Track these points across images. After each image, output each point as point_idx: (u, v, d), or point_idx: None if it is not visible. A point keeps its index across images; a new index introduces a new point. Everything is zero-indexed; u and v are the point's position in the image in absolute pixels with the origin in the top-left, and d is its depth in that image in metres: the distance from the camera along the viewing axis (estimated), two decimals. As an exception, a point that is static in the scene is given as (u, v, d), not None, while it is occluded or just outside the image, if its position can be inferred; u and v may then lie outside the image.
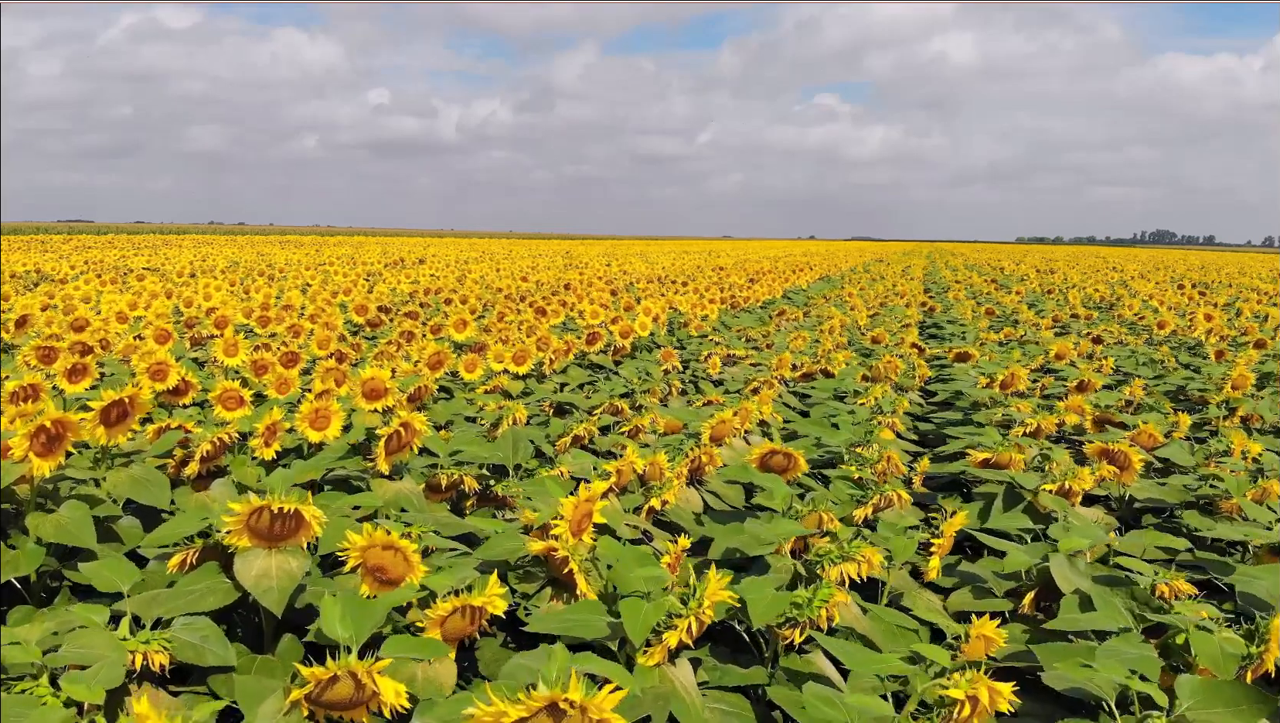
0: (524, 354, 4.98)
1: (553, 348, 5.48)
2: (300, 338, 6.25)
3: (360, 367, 5.57)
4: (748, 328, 8.30)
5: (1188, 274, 22.01)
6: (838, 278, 19.13)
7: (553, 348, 5.48)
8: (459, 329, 5.66)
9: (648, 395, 4.75)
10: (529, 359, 5.02)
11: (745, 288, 12.34)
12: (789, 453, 2.81)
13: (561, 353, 5.50)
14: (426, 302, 8.88)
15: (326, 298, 8.52)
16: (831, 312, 9.81)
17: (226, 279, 11.26)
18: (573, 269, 18.36)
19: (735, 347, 6.79)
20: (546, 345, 5.54)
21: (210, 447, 2.81)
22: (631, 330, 6.74)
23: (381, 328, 7.20)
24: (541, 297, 10.14)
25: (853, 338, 8.29)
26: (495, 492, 3.04)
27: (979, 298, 13.49)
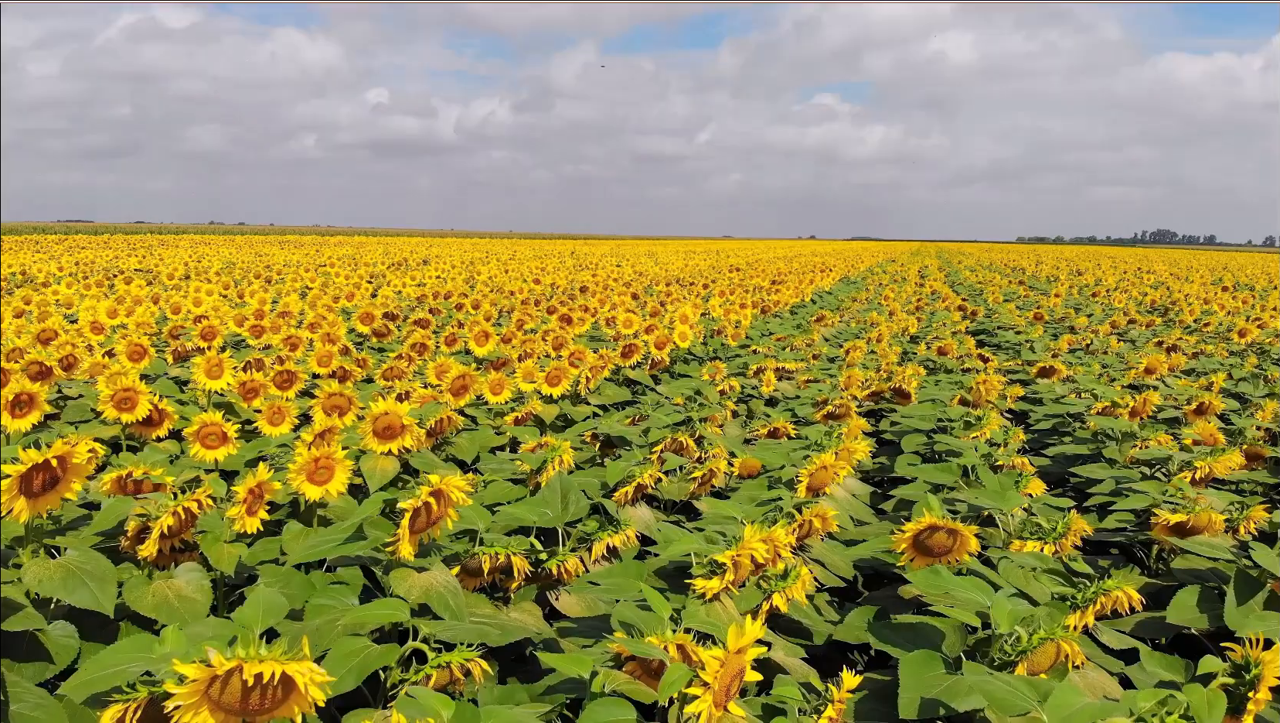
0: (558, 373, 4.26)
1: (589, 364, 4.75)
2: (298, 351, 5.53)
3: (367, 387, 4.86)
4: (790, 336, 7.58)
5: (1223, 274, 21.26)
6: (858, 279, 18.41)
7: (589, 364, 4.75)
8: (480, 343, 4.93)
9: (707, 424, 4.02)
10: (564, 379, 4.29)
11: (771, 291, 11.61)
12: (954, 530, 2.08)
13: (598, 370, 4.78)
14: (436, 307, 8.17)
15: (327, 304, 7.80)
16: (875, 318, 9.08)
17: (220, 282, 10.54)
18: (583, 270, 17.64)
19: (784, 359, 6.07)
20: (581, 361, 4.82)
21: (172, 521, 2.09)
22: (668, 341, 6.01)
23: (389, 338, 6.49)
24: (559, 301, 9.43)
25: (905, 347, 7.57)
26: (547, 569, 2.32)
27: (1017, 301, 12.76)
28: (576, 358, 4.81)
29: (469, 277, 14.06)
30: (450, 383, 3.55)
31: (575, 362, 4.82)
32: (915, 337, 8.62)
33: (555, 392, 4.26)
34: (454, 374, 3.55)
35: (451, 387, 3.56)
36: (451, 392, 3.57)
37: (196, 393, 4.32)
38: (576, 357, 4.81)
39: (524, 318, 7.22)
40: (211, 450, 3.26)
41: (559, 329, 6.13)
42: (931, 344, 7.65)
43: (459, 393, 3.57)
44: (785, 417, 4.44)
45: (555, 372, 4.23)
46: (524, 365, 4.48)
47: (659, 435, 3.39)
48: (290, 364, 4.36)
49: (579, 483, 2.83)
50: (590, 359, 4.86)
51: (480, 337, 4.91)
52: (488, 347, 4.91)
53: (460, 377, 3.55)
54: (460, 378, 3.55)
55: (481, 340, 4.91)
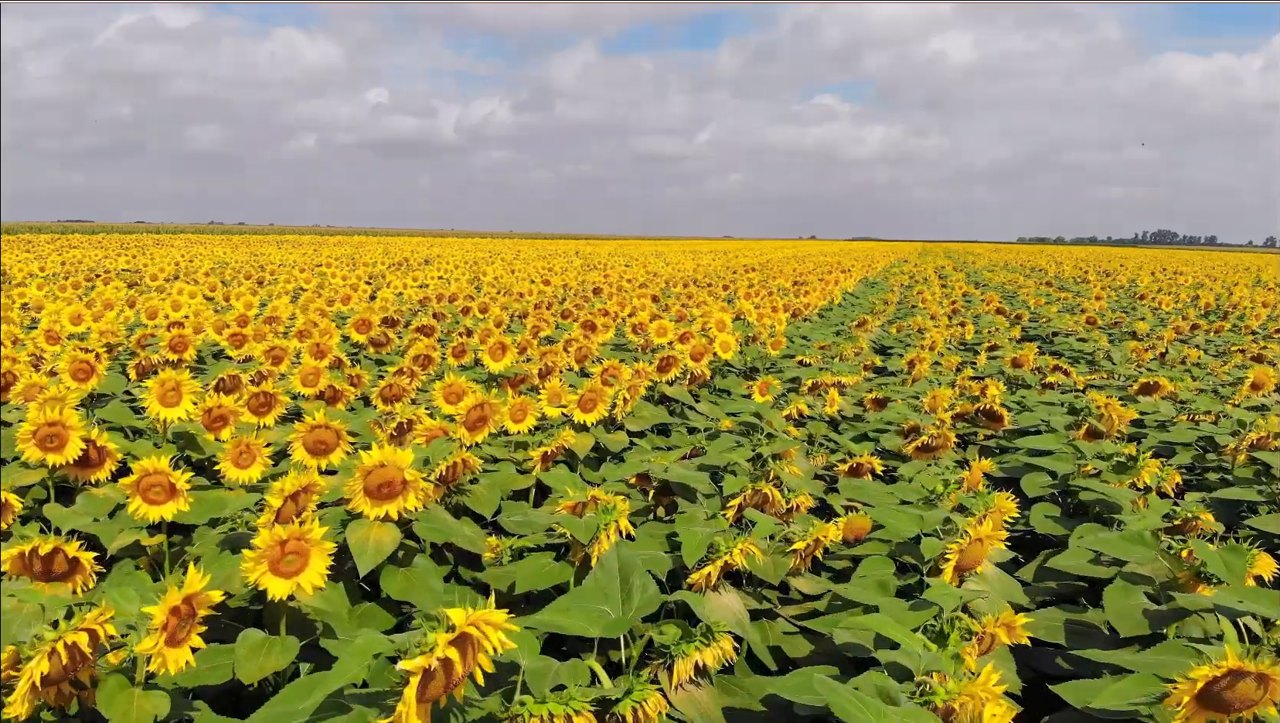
0: (593, 397, 3.50)
1: (625, 384, 3.99)
2: (282, 365, 4.77)
3: (364, 411, 4.09)
4: (836, 343, 6.81)
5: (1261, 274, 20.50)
6: (880, 281, 17.65)
7: (625, 384, 3.99)
8: (496, 357, 4.17)
9: (782, 462, 3.26)
10: (599, 402, 3.54)
11: (798, 293, 10.85)
12: (1265, 676, 1.33)
13: (635, 390, 4.02)
14: (440, 312, 7.42)
15: (320, 308, 7.04)
16: (922, 323, 8.31)
17: (206, 284, 9.78)
18: (592, 270, 16.87)
19: (837, 370, 5.30)
20: (616, 377, 4.06)
21: (48, 667, 1.33)
22: (705, 351, 5.25)
23: (388, 348, 5.73)
24: (574, 304, 8.67)
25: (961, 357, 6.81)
26: (619, 716, 1.56)
27: (1057, 304, 12.00)
28: (610, 375, 4.05)
29: (473, 277, 13.30)
30: (466, 414, 2.80)
31: (609, 379, 4.05)
32: (967, 343, 7.86)
33: (590, 419, 3.51)
34: (469, 403, 2.79)
35: (467, 419, 2.80)
36: (467, 425, 2.81)
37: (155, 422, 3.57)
38: (611, 373, 4.06)
39: (539, 324, 6.46)
40: (155, 506, 2.51)
41: (582, 338, 5.37)
42: (992, 354, 6.89)
43: (476, 427, 2.82)
44: (865, 448, 3.68)
45: (590, 395, 3.47)
46: (550, 385, 3.72)
47: (736, 486, 2.62)
48: (270, 384, 3.60)
49: (641, 558, 2.07)
50: (626, 376, 4.10)
51: (496, 350, 4.15)
52: (505, 361, 4.16)
53: (478, 407, 2.80)
54: (478, 408, 2.80)
55: (498, 354, 4.16)
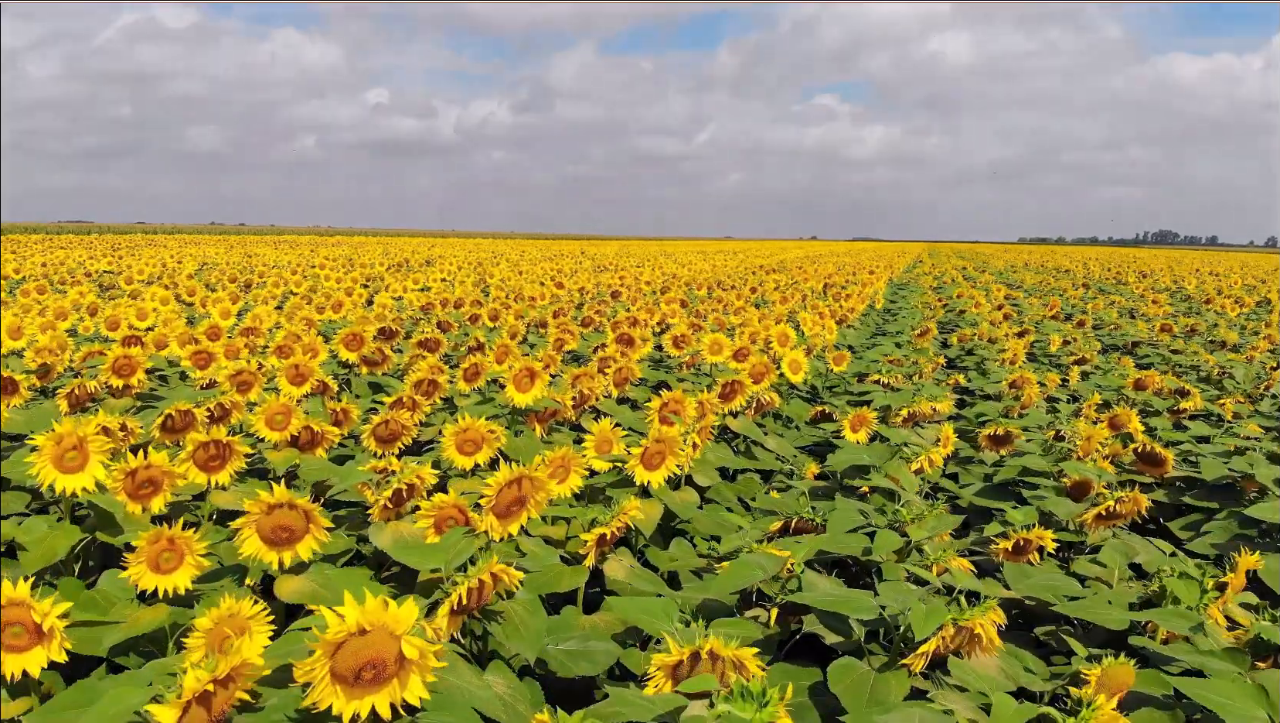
0: (662, 449, 2.55)
1: (694, 422, 3.05)
2: (252, 392, 3.83)
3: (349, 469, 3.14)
4: (910, 358, 5.86)
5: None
6: (907, 283, 16.70)
7: (694, 422, 3.05)
8: (521, 385, 3.21)
9: (933, 541, 2.32)
10: (670, 455, 2.59)
11: (838, 297, 9.90)
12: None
13: (707, 431, 3.07)
14: (446, 321, 6.48)
15: (307, 317, 6.09)
16: (987, 332, 7.36)
17: (185, 287, 8.83)
18: (604, 271, 15.92)
19: (929, 394, 4.35)
20: (679, 414, 3.11)
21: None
22: (768, 372, 4.29)
23: (385, 367, 4.78)
24: (593, 310, 7.72)
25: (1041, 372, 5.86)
26: None
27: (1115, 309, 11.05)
28: (672, 411, 3.10)
29: (479, 280, 12.35)
30: (496, 495, 1.84)
31: (669, 416, 3.11)
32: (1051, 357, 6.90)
33: (656, 478, 2.56)
34: (503, 480, 1.84)
35: (498, 503, 1.85)
36: (497, 511, 1.86)
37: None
38: (672, 409, 3.11)
39: (563, 336, 5.52)
40: (17, 655, 1.59)
41: (620, 356, 4.41)
42: (1081, 368, 5.95)
43: (510, 513, 1.88)
44: (1025, 513, 2.74)
45: (657, 447, 2.52)
46: (599, 429, 2.78)
47: (931, 622, 1.66)
48: (221, 431, 2.66)
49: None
50: (690, 408, 3.15)
51: (522, 377, 3.19)
52: (533, 391, 3.21)
53: (514, 485, 1.84)
54: (513, 487, 1.85)
55: (524, 383, 3.20)
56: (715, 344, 4.43)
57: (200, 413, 3.35)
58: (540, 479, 1.89)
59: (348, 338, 4.48)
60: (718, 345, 4.42)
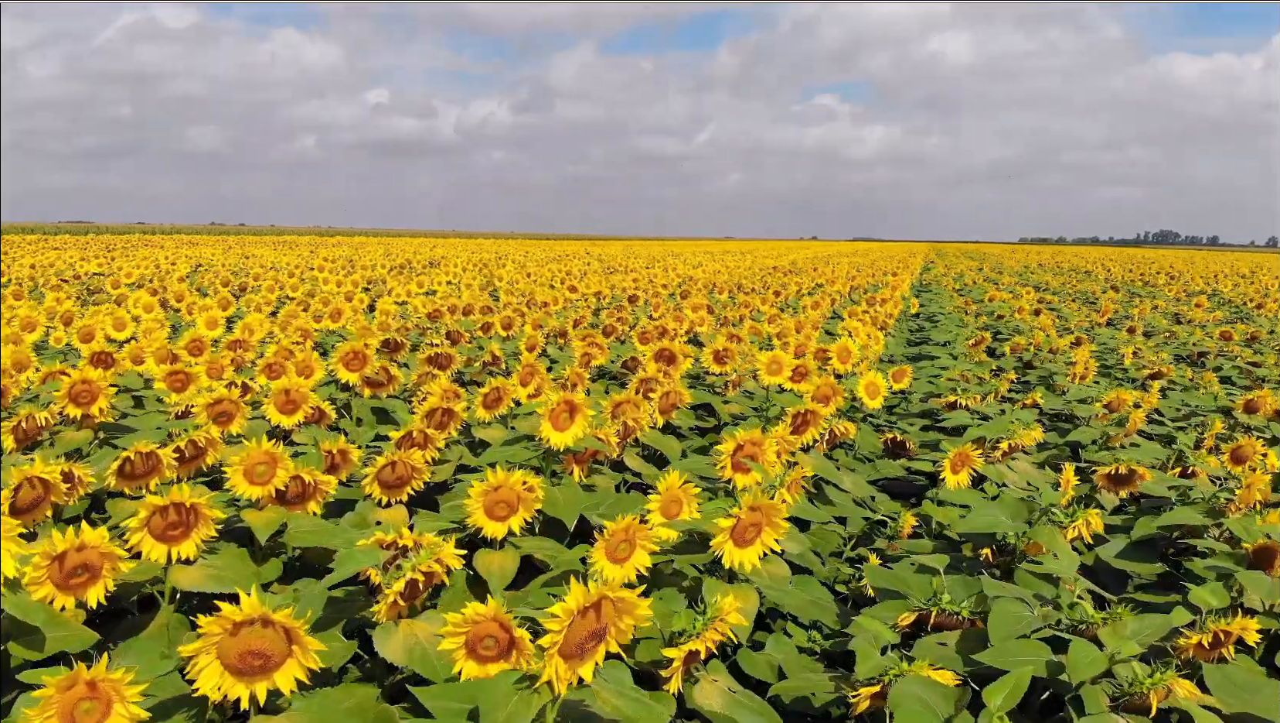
0: (758, 519, 1.95)
1: (769, 464, 2.45)
2: (234, 424, 3.23)
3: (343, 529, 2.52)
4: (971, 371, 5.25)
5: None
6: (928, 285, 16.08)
7: (769, 464, 2.45)
8: (559, 422, 2.60)
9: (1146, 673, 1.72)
10: (766, 528, 1.99)
11: (872, 301, 9.28)
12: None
13: (796, 484, 2.47)
14: (456, 331, 5.88)
15: (303, 327, 5.49)
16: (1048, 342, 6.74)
17: (174, 292, 8.23)
18: (615, 273, 15.32)
19: (1029, 423, 3.74)
20: (758, 456, 2.51)
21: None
22: (833, 395, 3.69)
23: (388, 389, 4.17)
24: (613, 317, 7.11)
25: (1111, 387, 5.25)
26: None
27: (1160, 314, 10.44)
28: (748, 456, 2.49)
29: (486, 282, 11.74)
30: (565, 633, 1.24)
31: (743, 461, 2.50)
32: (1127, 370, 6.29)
33: (749, 558, 1.96)
34: (574, 607, 1.22)
35: (567, 643, 1.24)
36: (565, 652, 1.26)
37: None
38: (749, 453, 2.50)
39: (590, 350, 4.91)
40: None
41: (662, 376, 3.80)
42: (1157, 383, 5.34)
43: (582, 653, 1.27)
44: (1215, 593, 2.14)
45: (751, 520, 1.92)
46: (667, 486, 2.18)
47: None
48: (184, 492, 2.06)
49: None
50: (768, 453, 2.54)
51: (560, 413, 2.57)
52: (573, 430, 2.59)
53: (590, 610, 1.24)
54: (590, 614, 1.24)
55: (563, 420, 2.58)
56: (774, 363, 3.81)
57: (167, 454, 2.76)
58: (627, 600, 1.28)
59: (347, 356, 3.87)
60: (776, 364, 3.80)
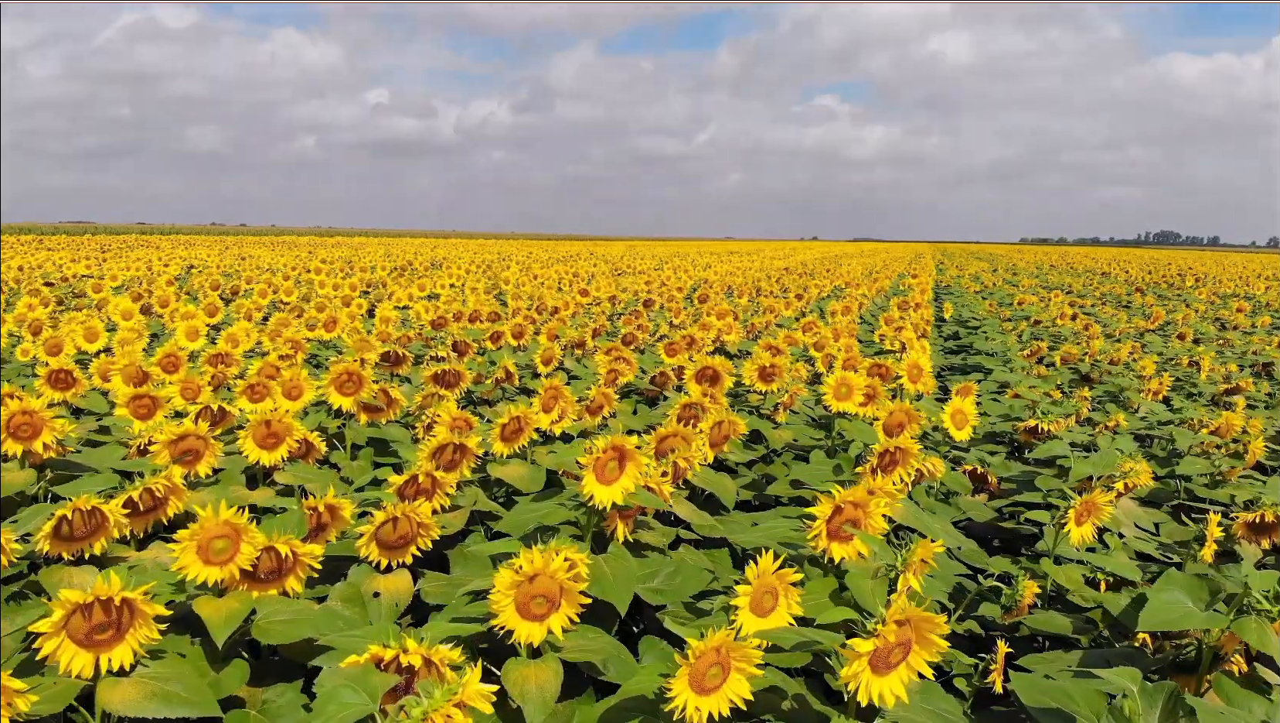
0: (908, 636, 1.40)
1: (878, 528, 1.90)
2: (203, 463, 2.69)
3: (328, 612, 1.94)
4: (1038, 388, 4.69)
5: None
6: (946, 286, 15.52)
7: (878, 528, 1.90)
8: (607, 476, 2.04)
9: None
10: (919, 643, 1.43)
11: (908, 306, 8.72)
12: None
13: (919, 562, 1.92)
14: (462, 341, 5.32)
15: (294, 338, 4.93)
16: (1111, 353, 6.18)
17: (158, 297, 7.67)
18: (623, 275, 14.77)
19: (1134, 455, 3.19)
20: (863, 520, 1.96)
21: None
22: (907, 423, 3.13)
23: (389, 414, 3.60)
24: (633, 326, 6.56)
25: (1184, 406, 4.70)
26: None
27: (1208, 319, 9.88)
28: (850, 519, 1.95)
29: (492, 285, 11.19)
30: None
31: (844, 525, 1.95)
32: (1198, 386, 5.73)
33: (890, 689, 1.41)
34: None
35: None
36: None
37: None
38: (850, 517, 1.95)
39: (617, 366, 4.35)
40: None
41: (709, 402, 3.24)
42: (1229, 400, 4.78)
43: None
44: None
45: (899, 642, 1.37)
46: (760, 573, 1.62)
47: None
48: (114, 585, 1.51)
49: None
50: (874, 517, 1.99)
51: (608, 464, 2.01)
52: (623, 482, 2.03)
53: None
54: None
55: (610, 471, 2.02)
56: (842, 385, 3.24)
57: (115, 510, 2.21)
58: None
59: (341, 378, 3.31)
60: (846, 387, 3.24)
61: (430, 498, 2.53)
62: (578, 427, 3.81)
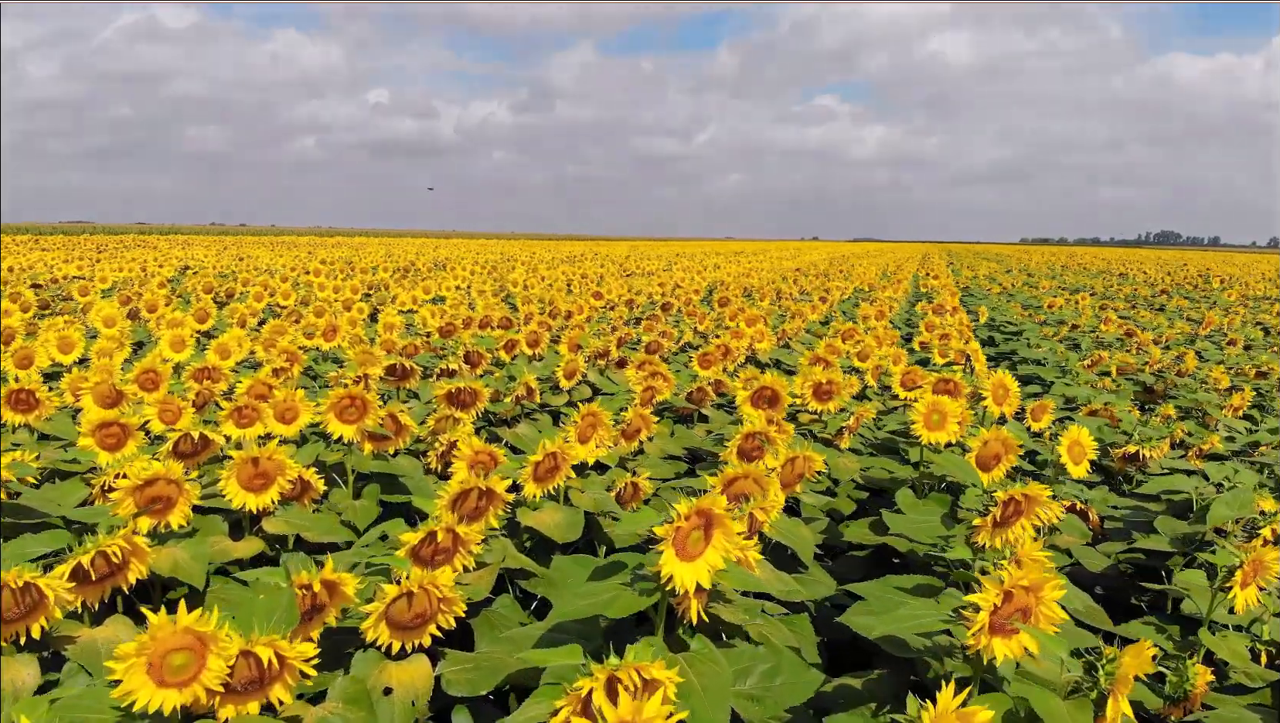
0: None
1: (1054, 617, 1.44)
2: (175, 512, 2.20)
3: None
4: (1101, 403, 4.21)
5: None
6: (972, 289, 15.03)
7: (1054, 617, 1.44)
8: (687, 551, 1.56)
9: None
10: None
11: (937, 311, 8.23)
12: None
13: (1124, 685, 1.44)
14: (474, 352, 4.84)
15: (288, 349, 4.44)
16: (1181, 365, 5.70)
17: (146, 302, 7.19)
18: (632, 276, 14.29)
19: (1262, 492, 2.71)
20: (1032, 608, 1.49)
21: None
22: (1003, 454, 2.66)
23: (396, 442, 3.12)
24: (657, 333, 6.07)
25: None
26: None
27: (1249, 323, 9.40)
28: (1020, 608, 1.47)
29: (499, 288, 10.71)
30: None
31: (1009, 617, 1.48)
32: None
33: None
34: None
35: None
36: None
37: None
38: (1022, 604, 1.48)
39: (654, 383, 3.87)
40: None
41: (775, 430, 2.75)
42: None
43: None
44: None
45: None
46: (940, 716, 1.14)
47: None
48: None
49: None
50: (1049, 604, 1.52)
51: (689, 535, 1.55)
52: (708, 558, 1.56)
53: None
54: None
55: (690, 544, 1.55)
56: (935, 412, 2.75)
57: (55, 585, 1.75)
58: None
59: (342, 403, 2.82)
60: (940, 414, 2.75)
61: (451, 559, 2.06)
62: (614, 454, 3.33)
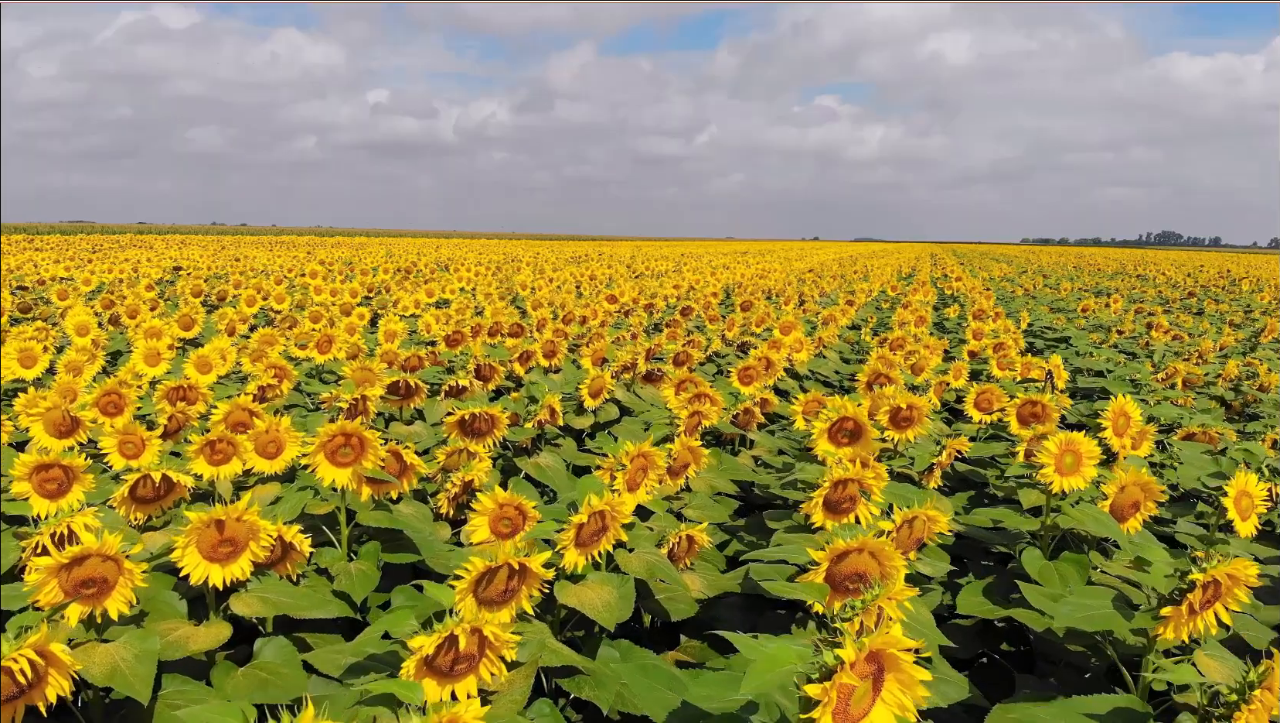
0: None
1: None
2: (112, 597, 1.70)
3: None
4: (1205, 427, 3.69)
5: None
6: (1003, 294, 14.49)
7: None
8: (846, 714, 1.06)
9: None
10: None
11: (978, 316, 7.72)
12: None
13: None
14: (486, 366, 4.33)
15: (277, 363, 3.92)
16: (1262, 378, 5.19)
17: (127, 307, 6.67)
18: (642, 277, 13.77)
19: None
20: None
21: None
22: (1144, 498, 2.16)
23: (400, 486, 2.60)
24: (684, 344, 5.56)
25: None
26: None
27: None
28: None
29: (506, 290, 10.19)
30: None
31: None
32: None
33: None
34: None
35: None
36: None
37: None
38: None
39: (702, 408, 3.34)
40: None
41: (870, 476, 2.24)
42: None
43: None
44: None
45: None
46: None
47: None
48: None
49: None
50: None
51: (849, 692, 1.06)
52: (877, 716, 1.07)
53: None
54: None
55: (854, 704, 1.06)
56: (1068, 452, 2.22)
57: None
58: None
59: (334, 443, 2.29)
60: (1074, 455, 2.22)
61: (476, 667, 1.55)
62: (659, 492, 2.82)
